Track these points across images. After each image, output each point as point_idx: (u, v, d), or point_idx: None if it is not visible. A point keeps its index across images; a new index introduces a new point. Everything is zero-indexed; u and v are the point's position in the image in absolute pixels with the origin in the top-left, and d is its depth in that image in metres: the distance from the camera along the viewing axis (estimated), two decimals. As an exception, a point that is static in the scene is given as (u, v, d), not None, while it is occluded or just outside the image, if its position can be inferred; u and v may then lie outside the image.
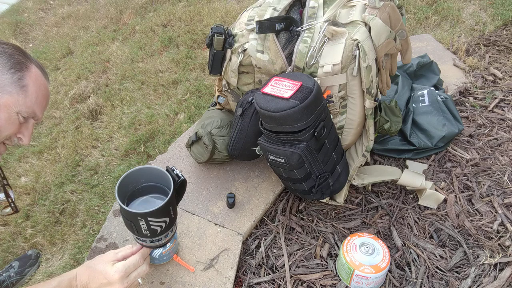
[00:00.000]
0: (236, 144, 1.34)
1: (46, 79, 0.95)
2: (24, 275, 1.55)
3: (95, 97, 2.29)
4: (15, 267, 1.56)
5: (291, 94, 1.08)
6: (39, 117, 0.94)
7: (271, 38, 1.19)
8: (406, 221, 1.35)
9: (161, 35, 2.70)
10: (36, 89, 0.90)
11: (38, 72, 0.92)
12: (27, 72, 0.89)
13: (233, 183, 1.44)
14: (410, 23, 2.47)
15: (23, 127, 0.92)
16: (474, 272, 1.18)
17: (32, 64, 0.91)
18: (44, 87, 0.93)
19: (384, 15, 1.19)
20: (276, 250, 1.29)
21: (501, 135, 1.62)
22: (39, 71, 0.93)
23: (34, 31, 3.12)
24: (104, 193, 1.77)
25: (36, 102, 0.90)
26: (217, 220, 1.32)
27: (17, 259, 1.60)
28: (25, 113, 0.89)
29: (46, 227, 1.67)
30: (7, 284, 1.53)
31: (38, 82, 0.91)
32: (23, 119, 0.90)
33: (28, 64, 0.90)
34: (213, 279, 1.16)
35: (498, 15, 2.37)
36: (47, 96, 0.96)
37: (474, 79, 1.90)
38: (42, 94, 0.92)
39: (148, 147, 1.93)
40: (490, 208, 1.36)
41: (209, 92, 2.20)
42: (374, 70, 1.21)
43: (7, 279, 1.54)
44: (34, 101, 0.90)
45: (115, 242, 1.26)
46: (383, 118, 1.34)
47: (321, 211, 1.40)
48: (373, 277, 1.11)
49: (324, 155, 1.20)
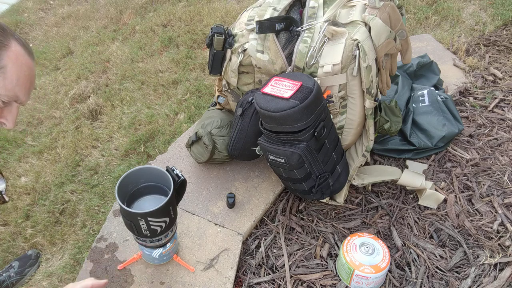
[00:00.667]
0: (236, 144, 1.34)
1: (30, 57, 0.85)
2: (24, 275, 1.55)
3: (95, 97, 2.29)
4: (15, 267, 1.56)
5: (291, 94, 1.08)
6: (22, 100, 0.85)
7: (271, 38, 1.19)
8: (406, 221, 1.35)
9: (161, 35, 2.70)
10: (17, 70, 0.81)
11: (19, 50, 0.81)
12: (5, 51, 0.79)
13: (233, 183, 1.44)
14: (410, 23, 2.47)
15: (5, 111, 0.84)
16: (474, 272, 1.18)
17: (12, 41, 0.81)
18: (27, 67, 0.83)
19: (384, 15, 1.19)
20: (276, 250, 1.29)
21: (501, 135, 1.62)
22: (21, 49, 0.82)
23: (34, 31, 3.12)
24: (104, 193, 1.77)
25: (17, 84, 0.81)
26: (217, 220, 1.32)
27: (17, 259, 1.60)
28: (5, 97, 0.81)
29: (46, 227, 1.67)
30: (7, 284, 1.53)
31: (19, 61, 0.81)
32: (3, 103, 0.82)
33: (7, 42, 0.80)
34: (213, 279, 1.16)
35: (498, 15, 2.37)
36: (32, 77, 0.86)
37: (474, 79, 1.90)
38: (24, 75, 0.83)
39: (148, 147, 1.93)
40: (490, 208, 1.36)
41: (209, 92, 2.20)
42: (374, 70, 1.21)
43: (7, 279, 1.54)
44: (15, 84, 0.81)
45: (115, 242, 1.26)
46: (383, 118, 1.34)
47: (321, 211, 1.40)
48: (373, 277, 1.11)
49: (324, 155, 1.20)
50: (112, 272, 1.19)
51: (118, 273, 1.18)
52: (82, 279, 1.16)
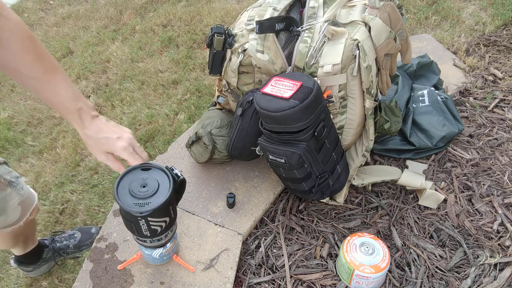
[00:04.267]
0: (236, 144, 1.34)
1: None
2: (80, 250, 1.53)
3: (95, 97, 2.29)
4: (76, 239, 1.52)
5: (291, 94, 1.08)
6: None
7: (271, 38, 1.19)
8: (406, 221, 1.35)
9: (161, 35, 2.70)
10: None
11: None
12: None
13: (233, 183, 1.44)
14: (410, 23, 2.47)
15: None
16: (474, 272, 1.18)
17: None
18: None
19: (384, 15, 1.19)
20: (276, 250, 1.29)
21: (501, 135, 1.62)
22: None
23: (34, 31, 3.12)
24: (104, 193, 1.77)
25: None
26: (217, 220, 1.32)
27: (80, 230, 1.55)
28: None
29: (46, 227, 1.67)
30: (62, 252, 1.50)
31: None
32: None
33: None
34: (213, 279, 1.16)
35: (498, 15, 2.37)
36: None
37: (474, 79, 1.90)
38: None
39: (148, 147, 1.93)
40: (490, 208, 1.36)
41: (209, 92, 2.20)
42: (374, 70, 1.21)
43: (65, 248, 1.51)
44: None
45: (115, 242, 1.26)
46: (383, 118, 1.34)
47: (321, 211, 1.40)
48: (373, 277, 1.11)
49: (324, 155, 1.20)
50: (112, 272, 1.19)
51: (118, 273, 1.18)
52: (82, 279, 1.17)
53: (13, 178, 1.11)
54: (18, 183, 1.13)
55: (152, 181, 0.99)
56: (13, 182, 1.10)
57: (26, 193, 1.16)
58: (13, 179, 1.11)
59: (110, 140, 0.96)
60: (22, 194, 1.14)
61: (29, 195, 1.18)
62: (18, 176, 1.14)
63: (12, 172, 1.12)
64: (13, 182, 1.11)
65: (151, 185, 0.98)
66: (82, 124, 0.93)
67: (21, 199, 1.13)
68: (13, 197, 1.11)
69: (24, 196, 1.15)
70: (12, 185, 1.10)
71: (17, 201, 1.12)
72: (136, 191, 0.97)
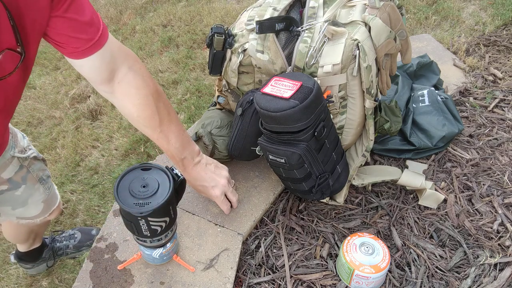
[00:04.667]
0: (236, 144, 1.34)
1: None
2: (80, 251, 1.53)
3: (95, 97, 2.29)
4: (76, 239, 1.53)
5: (291, 94, 1.08)
6: None
7: (271, 38, 1.19)
8: (406, 221, 1.35)
9: (161, 35, 2.70)
10: None
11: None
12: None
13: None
14: (410, 23, 2.47)
15: None
16: (474, 272, 1.18)
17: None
18: None
19: (384, 15, 1.19)
20: (276, 250, 1.29)
21: (501, 135, 1.62)
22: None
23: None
24: (104, 193, 1.77)
25: None
26: (217, 220, 1.32)
27: (81, 230, 1.56)
28: None
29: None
30: (61, 253, 1.51)
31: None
32: None
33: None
34: (213, 279, 1.16)
35: (498, 15, 2.37)
36: None
37: (474, 79, 1.90)
38: None
39: (148, 147, 1.93)
40: (490, 208, 1.36)
41: (209, 92, 2.20)
42: (374, 70, 1.21)
43: (65, 248, 1.51)
44: None
45: (115, 242, 1.26)
46: (383, 118, 1.34)
47: (321, 211, 1.40)
48: (373, 277, 1.11)
49: (324, 155, 1.20)
50: (112, 272, 1.19)
51: (118, 273, 1.18)
52: (82, 279, 1.17)
53: (45, 176, 1.15)
54: (48, 182, 1.17)
55: (152, 181, 0.99)
56: (43, 180, 1.14)
57: (51, 193, 1.19)
58: (44, 177, 1.14)
59: (206, 189, 1.14)
60: (48, 194, 1.17)
61: (53, 195, 1.21)
62: (49, 176, 1.17)
63: (45, 171, 1.15)
64: (44, 180, 1.14)
65: (151, 185, 0.98)
66: (185, 171, 1.07)
67: (45, 197, 1.16)
68: (39, 193, 1.14)
69: (48, 195, 1.18)
70: (41, 182, 1.14)
71: (42, 199, 1.15)
72: (136, 191, 0.97)
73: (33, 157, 1.08)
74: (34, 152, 1.08)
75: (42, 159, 1.12)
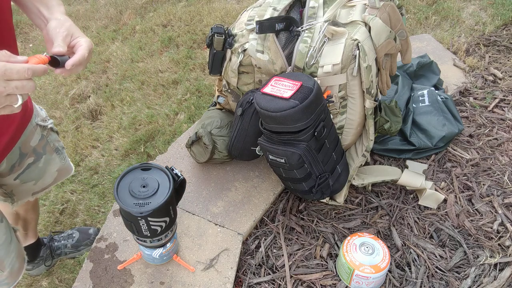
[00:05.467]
0: (236, 144, 1.34)
1: None
2: (78, 251, 1.54)
3: (95, 97, 2.29)
4: (74, 238, 1.53)
5: (291, 94, 1.08)
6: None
7: (271, 38, 1.19)
8: (406, 221, 1.35)
9: (161, 35, 2.70)
10: None
11: None
12: None
13: (233, 183, 1.44)
14: (410, 23, 2.47)
15: None
16: (474, 272, 1.18)
17: None
18: None
19: (384, 15, 1.19)
20: (276, 250, 1.29)
21: (501, 135, 1.62)
22: None
23: (34, 31, 3.12)
24: (104, 193, 1.77)
25: None
26: (217, 220, 1.32)
27: (79, 230, 1.57)
28: None
29: (46, 227, 1.67)
30: (60, 253, 1.52)
31: None
32: None
33: None
34: (213, 279, 1.16)
35: (498, 15, 2.37)
36: None
37: (474, 79, 1.90)
38: None
39: (148, 147, 1.93)
40: (490, 208, 1.36)
41: (209, 92, 2.20)
42: (374, 70, 1.21)
43: (63, 248, 1.52)
44: None
45: (115, 242, 1.26)
46: (383, 118, 1.34)
47: (321, 211, 1.40)
48: (373, 277, 1.11)
49: (324, 155, 1.20)
50: (112, 272, 1.19)
51: (118, 273, 1.18)
52: (82, 279, 1.17)
53: (60, 147, 1.16)
54: (62, 153, 1.18)
55: (152, 181, 0.99)
56: (59, 150, 1.16)
57: (66, 163, 1.21)
58: (59, 147, 1.16)
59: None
60: (63, 163, 1.19)
61: (68, 166, 1.23)
62: (63, 147, 1.19)
63: (60, 142, 1.17)
64: (59, 150, 1.16)
65: (151, 185, 0.98)
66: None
67: (60, 167, 1.18)
68: (55, 162, 1.15)
69: (63, 165, 1.19)
70: (57, 152, 1.15)
71: (56, 168, 1.16)
72: (136, 191, 0.97)
73: (50, 127, 1.11)
74: (52, 123, 1.11)
75: (56, 131, 1.16)
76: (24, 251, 1.10)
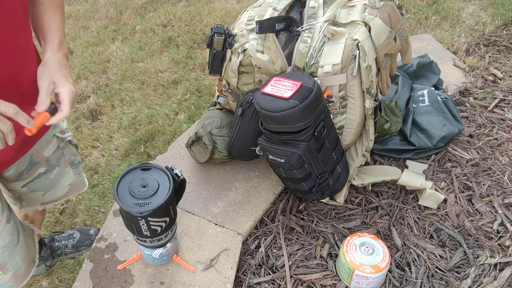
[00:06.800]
0: (236, 144, 1.34)
1: None
2: (79, 251, 1.53)
3: (95, 97, 2.29)
4: (75, 239, 1.53)
5: (291, 94, 1.08)
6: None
7: (271, 38, 1.19)
8: (406, 221, 1.35)
9: (161, 35, 2.70)
10: None
11: None
12: None
13: (233, 183, 1.44)
14: (410, 23, 2.47)
15: None
16: (474, 272, 1.18)
17: None
18: None
19: (384, 15, 1.19)
20: (276, 250, 1.29)
21: (501, 135, 1.62)
22: None
23: (34, 31, 3.12)
24: (104, 193, 1.77)
25: None
26: (217, 220, 1.32)
27: (79, 230, 1.56)
28: None
29: (46, 227, 1.67)
30: (60, 253, 1.51)
31: None
32: None
33: None
34: (213, 279, 1.16)
35: (498, 15, 2.37)
36: None
37: (474, 79, 1.90)
38: None
39: (148, 147, 1.93)
40: (490, 208, 1.36)
41: (209, 92, 2.20)
42: (374, 70, 1.21)
43: (63, 248, 1.52)
44: None
45: (115, 242, 1.26)
46: (383, 118, 1.34)
47: (321, 211, 1.40)
48: (373, 277, 1.11)
49: (324, 155, 1.20)
50: (112, 272, 1.19)
51: (118, 273, 1.18)
52: (82, 279, 1.17)
53: (76, 162, 1.16)
54: (78, 167, 1.17)
55: (152, 181, 0.99)
56: (74, 164, 1.15)
57: (80, 179, 1.20)
58: (76, 162, 1.15)
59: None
60: (77, 178, 1.18)
61: (82, 182, 1.22)
62: (80, 162, 1.18)
63: (77, 156, 1.16)
64: (75, 165, 1.15)
65: (151, 185, 0.98)
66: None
67: (73, 181, 1.17)
68: (69, 176, 1.14)
69: (77, 180, 1.18)
70: (72, 166, 1.14)
71: (69, 181, 1.15)
72: (136, 191, 0.97)
73: (69, 140, 1.10)
74: (71, 136, 1.10)
75: (75, 145, 1.14)
76: (35, 254, 1.09)
